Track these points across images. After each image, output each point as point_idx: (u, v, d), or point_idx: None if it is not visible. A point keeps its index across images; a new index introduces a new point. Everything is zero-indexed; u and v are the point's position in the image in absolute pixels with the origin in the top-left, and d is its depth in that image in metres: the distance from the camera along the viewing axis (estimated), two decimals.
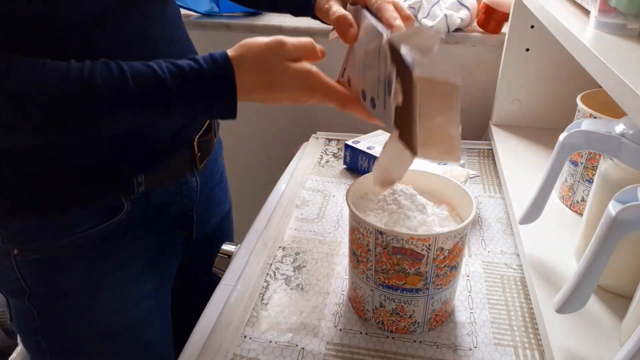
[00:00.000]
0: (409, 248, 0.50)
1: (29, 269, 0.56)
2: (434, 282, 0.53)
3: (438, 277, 0.53)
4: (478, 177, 0.89)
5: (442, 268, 0.53)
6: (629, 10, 0.45)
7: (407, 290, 0.53)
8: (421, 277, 0.53)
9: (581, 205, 0.71)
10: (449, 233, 0.51)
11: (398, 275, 0.53)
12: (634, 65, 0.40)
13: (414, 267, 0.52)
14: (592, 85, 0.71)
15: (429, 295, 0.54)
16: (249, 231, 0.78)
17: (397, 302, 0.55)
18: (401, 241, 0.50)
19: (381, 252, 0.52)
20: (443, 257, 0.52)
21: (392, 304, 0.55)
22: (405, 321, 0.56)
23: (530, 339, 0.57)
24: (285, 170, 0.94)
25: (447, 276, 0.54)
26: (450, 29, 1.06)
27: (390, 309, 0.56)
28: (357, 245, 0.55)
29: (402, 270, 0.52)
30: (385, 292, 0.55)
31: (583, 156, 0.69)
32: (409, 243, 0.50)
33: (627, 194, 0.45)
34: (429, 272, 0.52)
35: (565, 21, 0.54)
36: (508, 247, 0.72)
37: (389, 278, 0.53)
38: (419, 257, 0.51)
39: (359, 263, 0.56)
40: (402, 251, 0.51)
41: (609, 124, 0.54)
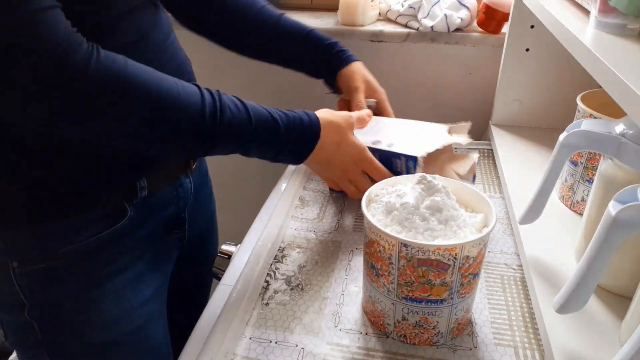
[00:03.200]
0: (435, 259, 0.49)
1: (29, 281, 0.55)
2: (458, 291, 0.52)
3: (462, 285, 0.52)
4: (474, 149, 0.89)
5: (467, 276, 0.52)
6: (629, 11, 0.45)
7: (432, 302, 0.52)
8: (446, 288, 0.51)
9: (581, 205, 0.71)
10: (476, 241, 0.49)
11: (423, 287, 0.51)
12: (634, 65, 0.40)
13: (440, 278, 0.50)
14: (592, 85, 0.71)
15: (453, 304, 0.53)
16: (249, 231, 0.78)
17: (420, 314, 0.53)
18: (427, 252, 0.49)
19: (405, 264, 0.50)
20: (468, 266, 0.51)
21: (416, 317, 0.53)
22: (429, 332, 0.54)
23: (530, 339, 0.57)
24: (285, 171, 0.94)
25: (471, 284, 0.53)
26: (450, 29, 1.06)
27: (414, 321, 0.54)
28: (377, 259, 0.53)
29: (427, 282, 0.50)
30: (408, 305, 0.53)
31: (583, 156, 0.69)
32: (436, 254, 0.49)
33: (627, 194, 0.45)
34: (454, 282, 0.51)
35: (565, 21, 0.54)
36: (508, 247, 0.72)
37: (413, 291, 0.51)
38: (445, 268, 0.49)
39: (379, 277, 0.53)
40: (427, 262, 0.49)
41: (609, 124, 0.54)
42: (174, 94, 0.49)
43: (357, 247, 0.73)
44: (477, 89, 1.14)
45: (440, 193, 0.53)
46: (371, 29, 1.11)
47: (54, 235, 0.55)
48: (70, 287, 0.57)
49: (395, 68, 1.14)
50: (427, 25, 1.06)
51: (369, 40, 1.11)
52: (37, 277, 0.56)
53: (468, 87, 1.15)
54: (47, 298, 0.57)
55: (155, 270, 0.64)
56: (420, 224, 0.51)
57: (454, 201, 0.54)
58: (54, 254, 0.55)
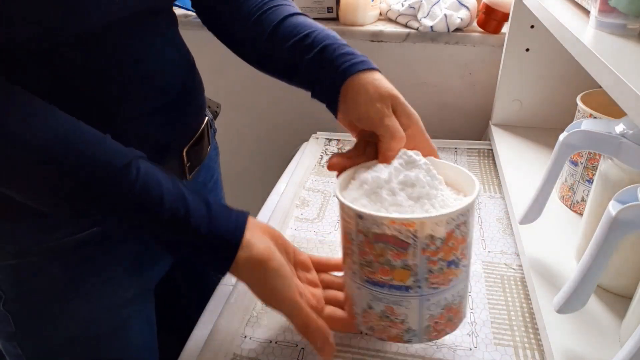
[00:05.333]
0: (392, 235, 0.43)
1: (4, 274, 0.55)
2: (426, 279, 0.45)
3: (432, 273, 0.45)
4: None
5: (436, 262, 0.45)
6: (629, 11, 0.45)
7: (395, 288, 0.45)
8: (410, 272, 0.45)
9: (581, 205, 0.71)
10: (439, 218, 0.43)
11: (383, 269, 0.45)
12: (634, 65, 0.40)
13: (400, 259, 0.44)
14: (592, 85, 0.71)
15: (423, 295, 0.46)
16: None
17: (385, 302, 0.47)
18: (382, 226, 0.43)
19: (363, 240, 0.45)
20: (435, 248, 0.44)
21: (381, 305, 0.47)
22: (397, 327, 0.48)
23: (530, 339, 0.57)
24: (285, 170, 0.94)
25: (445, 274, 0.46)
26: (450, 29, 1.06)
27: (379, 310, 0.48)
28: (344, 237, 0.48)
29: (386, 262, 0.44)
30: (371, 290, 0.47)
31: (583, 156, 0.69)
32: (391, 229, 0.43)
33: (627, 194, 0.45)
34: (418, 267, 0.44)
35: (565, 21, 0.54)
36: (508, 247, 0.72)
37: (374, 272, 0.46)
38: (404, 246, 0.43)
39: (346, 257, 0.49)
40: (384, 238, 0.43)
41: (609, 124, 0.54)
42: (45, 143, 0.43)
43: None
44: (477, 89, 1.14)
45: (418, 169, 0.47)
46: (371, 29, 1.11)
47: (30, 231, 0.54)
48: (42, 285, 0.56)
49: (395, 68, 1.14)
50: (427, 25, 1.06)
51: (369, 40, 1.11)
52: (11, 271, 0.55)
53: (468, 87, 1.15)
54: (19, 293, 0.57)
55: (133, 275, 0.62)
56: (387, 199, 0.45)
57: (438, 181, 0.48)
58: (28, 250, 0.54)
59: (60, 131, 0.43)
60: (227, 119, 1.34)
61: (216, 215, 0.47)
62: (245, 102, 1.30)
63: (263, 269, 0.47)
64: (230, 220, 0.47)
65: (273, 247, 0.49)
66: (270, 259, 0.47)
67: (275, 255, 0.48)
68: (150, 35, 0.54)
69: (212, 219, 0.46)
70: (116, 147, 0.45)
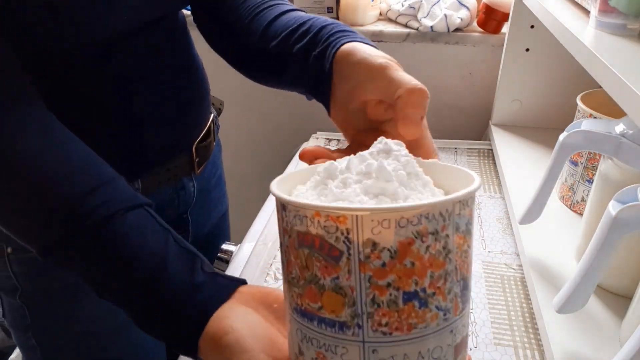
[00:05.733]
0: (318, 235, 0.29)
1: (22, 268, 0.56)
2: (370, 314, 0.29)
3: (378, 306, 0.28)
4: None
5: (384, 289, 0.28)
6: (629, 11, 0.45)
7: (327, 324, 0.30)
8: (344, 298, 0.29)
9: (581, 205, 0.71)
10: (384, 212, 0.28)
11: (310, 290, 0.30)
12: (634, 65, 0.40)
13: (330, 276, 0.29)
14: (592, 85, 0.71)
15: (366, 342, 0.29)
16: (249, 231, 0.78)
17: (315, 345, 0.31)
18: (305, 220, 0.29)
19: (288, 244, 0.31)
20: (381, 265, 0.28)
21: (312, 350, 0.31)
22: None
23: (530, 339, 0.57)
24: (285, 171, 0.94)
25: (401, 312, 0.29)
26: (450, 29, 1.06)
27: (310, 357, 0.31)
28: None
29: (314, 279, 0.30)
30: (301, 325, 0.31)
31: (583, 156, 0.69)
32: (317, 225, 0.29)
33: (627, 194, 0.45)
34: (356, 291, 0.29)
35: (565, 21, 0.54)
36: (508, 247, 0.72)
37: (301, 296, 0.31)
38: (334, 255, 0.29)
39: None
40: (308, 240, 0.29)
41: (609, 124, 0.54)
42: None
43: None
44: (477, 89, 1.14)
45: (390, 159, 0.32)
46: (371, 29, 1.11)
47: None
48: (58, 279, 0.58)
49: None
50: (427, 25, 1.06)
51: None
52: (29, 265, 0.56)
53: (468, 87, 1.15)
54: (37, 286, 0.58)
55: None
56: (334, 191, 0.31)
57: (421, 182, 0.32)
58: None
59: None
60: (228, 119, 1.34)
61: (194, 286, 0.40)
62: (245, 103, 1.30)
63: (217, 347, 0.37)
64: (204, 301, 0.39)
65: (241, 319, 0.38)
66: (225, 333, 0.37)
67: (235, 327, 0.37)
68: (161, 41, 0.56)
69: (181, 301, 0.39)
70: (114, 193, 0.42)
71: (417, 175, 0.33)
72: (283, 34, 0.51)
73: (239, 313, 0.38)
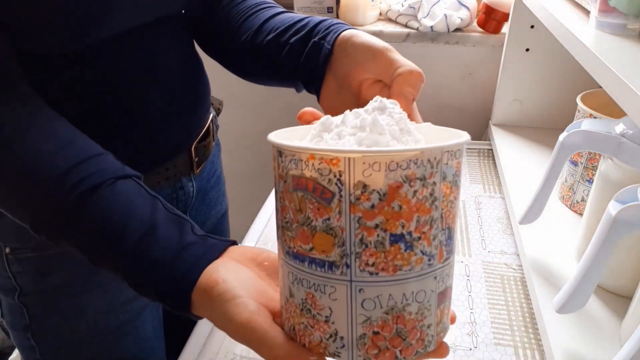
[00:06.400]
0: (311, 178, 0.30)
1: (21, 268, 0.56)
2: (358, 254, 0.30)
3: (366, 246, 0.30)
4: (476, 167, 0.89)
5: (372, 230, 0.30)
6: (629, 11, 0.45)
7: (317, 264, 0.32)
8: (334, 238, 0.31)
9: (581, 205, 0.71)
10: (375, 155, 0.29)
11: (303, 232, 0.32)
12: (634, 65, 0.40)
13: (321, 217, 0.31)
14: (592, 85, 0.71)
15: (354, 281, 0.31)
16: (249, 231, 0.78)
17: (305, 285, 0.33)
18: (300, 164, 0.31)
19: (283, 188, 0.33)
20: (370, 207, 0.30)
21: (302, 291, 0.33)
22: (321, 329, 0.33)
23: (530, 339, 0.57)
24: None
25: (388, 253, 0.30)
26: (450, 29, 1.06)
27: (300, 300, 0.33)
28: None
29: (306, 221, 0.31)
30: (292, 267, 0.33)
31: (583, 156, 0.69)
32: (311, 168, 0.30)
33: (627, 194, 0.45)
34: (345, 231, 0.30)
35: (565, 21, 0.54)
36: (508, 247, 0.72)
37: (294, 238, 0.33)
38: (326, 197, 0.30)
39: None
40: (302, 183, 0.31)
41: (609, 124, 0.55)
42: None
43: None
44: (477, 89, 1.14)
45: (385, 115, 0.34)
46: (371, 28, 1.11)
47: None
48: (58, 278, 0.58)
49: None
50: (427, 25, 1.06)
51: None
52: (28, 265, 0.56)
53: (468, 87, 1.15)
54: (36, 286, 0.58)
55: None
56: (329, 142, 0.33)
57: (413, 139, 0.34)
58: (45, 244, 0.55)
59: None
60: (228, 119, 1.34)
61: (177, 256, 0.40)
62: (245, 103, 1.30)
63: (209, 298, 0.38)
64: (194, 257, 0.40)
65: (231, 272, 0.39)
66: (216, 283, 0.38)
67: (226, 278, 0.38)
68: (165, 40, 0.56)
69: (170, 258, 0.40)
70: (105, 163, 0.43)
71: (410, 132, 0.34)
72: (279, 29, 0.53)
73: (229, 267, 0.39)
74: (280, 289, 0.36)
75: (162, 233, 0.40)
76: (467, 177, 0.91)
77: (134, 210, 0.41)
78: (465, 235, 0.75)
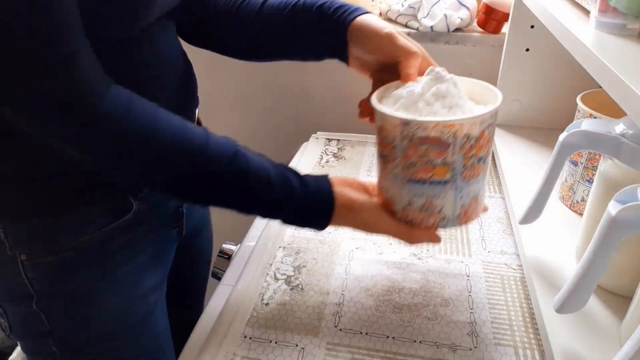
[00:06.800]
0: (435, 137, 0.50)
1: (38, 273, 0.56)
2: (461, 172, 0.52)
3: (466, 168, 0.52)
4: None
5: (470, 158, 0.52)
6: (628, 11, 0.45)
7: (435, 183, 0.53)
8: (448, 168, 0.52)
9: (581, 205, 0.71)
10: (475, 118, 0.50)
11: (425, 168, 0.52)
12: (634, 65, 0.40)
13: (441, 157, 0.51)
14: (592, 85, 0.71)
15: (457, 187, 0.53)
16: (249, 231, 0.78)
17: (425, 197, 0.54)
18: (426, 129, 0.50)
19: (407, 145, 0.52)
20: (470, 146, 0.51)
21: (421, 200, 0.54)
22: (434, 217, 0.55)
23: (530, 339, 0.57)
24: None
25: (475, 168, 0.53)
26: (450, 29, 1.06)
27: (419, 205, 0.55)
28: (384, 146, 0.55)
29: (429, 161, 0.52)
30: (413, 188, 0.54)
31: (583, 156, 0.69)
32: (435, 131, 0.50)
33: (627, 194, 0.45)
34: (456, 162, 0.52)
35: (565, 21, 0.54)
36: (508, 247, 0.72)
37: (416, 172, 0.53)
38: (445, 146, 0.51)
39: (386, 164, 0.56)
40: (428, 140, 0.51)
41: (609, 124, 0.55)
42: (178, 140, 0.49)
43: (357, 247, 0.73)
44: None
45: (446, 83, 0.53)
46: None
47: (65, 228, 0.55)
48: (78, 279, 0.58)
49: None
50: (427, 25, 1.06)
51: None
52: (46, 269, 0.56)
53: None
54: (55, 289, 0.58)
55: (156, 262, 0.66)
56: (424, 108, 0.52)
57: (462, 92, 0.54)
58: (64, 246, 0.56)
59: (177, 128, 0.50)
60: (228, 119, 1.34)
61: (308, 182, 0.55)
62: (245, 103, 1.30)
63: (351, 211, 0.56)
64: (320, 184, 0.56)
65: (352, 191, 0.57)
66: (353, 200, 0.56)
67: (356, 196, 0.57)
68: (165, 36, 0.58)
69: (306, 186, 0.55)
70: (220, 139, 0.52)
71: (460, 89, 0.55)
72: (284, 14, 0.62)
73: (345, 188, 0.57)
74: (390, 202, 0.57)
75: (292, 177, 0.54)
76: None
77: (265, 164, 0.53)
78: (465, 235, 0.75)
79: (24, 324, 0.60)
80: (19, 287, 0.56)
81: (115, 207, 0.58)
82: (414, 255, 0.71)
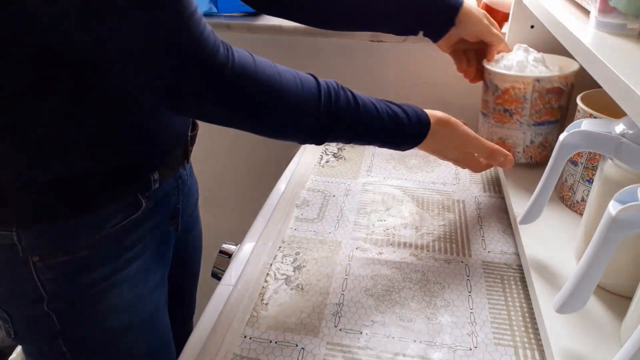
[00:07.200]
0: (557, 87, 0.69)
1: (51, 274, 0.56)
2: (565, 114, 0.72)
3: (568, 109, 0.71)
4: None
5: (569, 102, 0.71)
6: (628, 10, 0.45)
7: (551, 123, 0.74)
8: (560, 110, 0.72)
9: (581, 205, 0.71)
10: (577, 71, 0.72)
11: (547, 112, 0.72)
12: (634, 65, 0.40)
13: (558, 103, 0.72)
14: (592, 85, 0.71)
15: (562, 126, 0.70)
16: (249, 231, 0.78)
17: (543, 134, 0.75)
18: (553, 82, 0.70)
19: (537, 97, 0.71)
20: (569, 93, 0.71)
21: (539, 138, 0.75)
22: (547, 150, 0.76)
23: (530, 339, 0.57)
24: (285, 170, 0.94)
25: (545, 113, 0.73)
26: None
27: (538, 142, 0.76)
28: (511, 102, 0.73)
29: (550, 107, 0.72)
30: (535, 130, 0.75)
31: (583, 156, 0.69)
32: (558, 82, 0.69)
33: (627, 194, 0.45)
34: (564, 105, 0.71)
35: (565, 21, 0.54)
36: (508, 247, 0.72)
37: (540, 116, 0.73)
38: (561, 93, 0.70)
39: (512, 116, 0.75)
40: (552, 91, 0.70)
41: (609, 124, 0.55)
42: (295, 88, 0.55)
43: (357, 247, 0.73)
44: (478, 89, 1.14)
45: (535, 53, 0.77)
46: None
47: (80, 230, 0.56)
48: (90, 277, 0.58)
49: (395, 68, 1.14)
50: None
51: (368, 40, 1.11)
52: (59, 269, 0.57)
53: (468, 87, 1.15)
54: (68, 289, 0.58)
55: (159, 259, 0.67)
56: (534, 70, 0.73)
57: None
58: (77, 246, 0.56)
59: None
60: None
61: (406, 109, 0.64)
62: None
63: (449, 125, 0.67)
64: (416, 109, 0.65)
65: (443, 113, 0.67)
66: (448, 117, 0.67)
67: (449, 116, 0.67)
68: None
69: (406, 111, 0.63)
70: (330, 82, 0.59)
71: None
72: None
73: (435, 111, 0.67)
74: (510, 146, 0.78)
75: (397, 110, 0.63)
76: (467, 177, 0.91)
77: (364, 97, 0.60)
78: (465, 235, 0.75)
79: (33, 326, 0.60)
80: (31, 290, 0.57)
81: (126, 206, 0.59)
82: (414, 255, 0.71)
